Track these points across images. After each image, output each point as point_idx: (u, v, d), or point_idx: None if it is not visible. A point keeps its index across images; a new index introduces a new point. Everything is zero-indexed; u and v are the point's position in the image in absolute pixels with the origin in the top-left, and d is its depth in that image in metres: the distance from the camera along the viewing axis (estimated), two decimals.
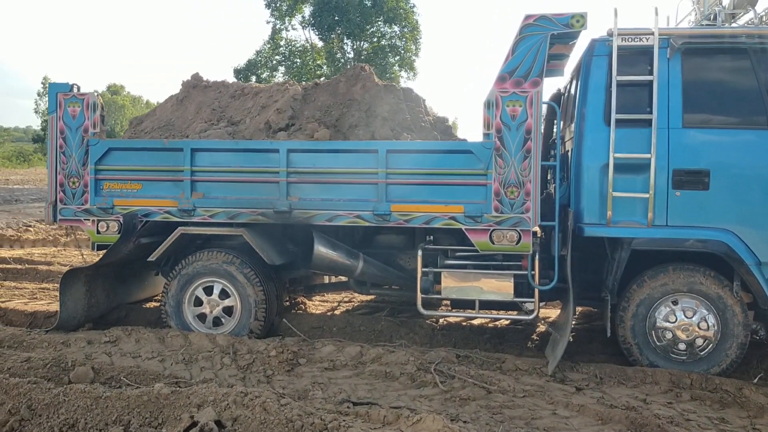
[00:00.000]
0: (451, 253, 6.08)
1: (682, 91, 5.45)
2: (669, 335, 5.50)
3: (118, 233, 6.22)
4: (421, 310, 6.03)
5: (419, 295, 5.98)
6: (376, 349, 5.69)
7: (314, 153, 5.96)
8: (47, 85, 6.61)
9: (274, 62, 44.62)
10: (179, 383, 5.18)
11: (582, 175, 5.60)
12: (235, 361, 5.47)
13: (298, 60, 43.89)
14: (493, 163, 5.63)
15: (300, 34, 52.99)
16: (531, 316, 5.92)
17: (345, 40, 44.54)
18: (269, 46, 45.09)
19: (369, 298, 7.88)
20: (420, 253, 5.97)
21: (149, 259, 6.30)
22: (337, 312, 7.58)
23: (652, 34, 5.43)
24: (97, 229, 6.34)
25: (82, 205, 6.32)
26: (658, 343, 5.54)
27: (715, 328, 5.45)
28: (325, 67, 43.50)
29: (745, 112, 5.40)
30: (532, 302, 5.86)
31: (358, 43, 44.76)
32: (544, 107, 6.04)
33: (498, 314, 6.29)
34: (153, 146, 6.34)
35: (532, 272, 5.77)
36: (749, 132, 5.35)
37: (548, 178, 6.73)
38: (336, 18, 41.87)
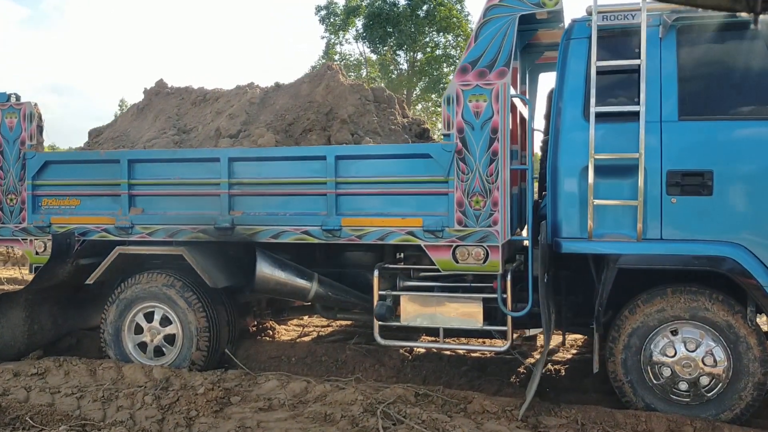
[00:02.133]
0: (414, 273, 5.28)
1: (678, 76, 4.52)
2: (667, 372, 4.54)
3: None
4: (379, 339, 5.24)
5: (376, 323, 5.20)
6: (323, 386, 4.93)
7: (257, 162, 5.28)
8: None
9: None
10: (86, 426, 4.57)
11: (558, 180, 4.72)
12: (158, 399, 4.80)
13: (353, 74, 43.68)
14: (454, 168, 4.82)
15: (354, 48, 53.00)
16: (503, 348, 5.04)
17: (398, 52, 44.07)
18: (324, 60, 45.09)
19: (347, 323, 7.10)
20: (377, 273, 5.19)
21: (87, 282, 5.73)
22: (307, 338, 6.85)
23: (639, 9, 4.52)
24: (35, 250, 5.83)
25: (20, 223, 5.83)
26: (655, 382, 4.58)
27: (725, 364, 4.45)
28: (378, 79, 43.20)
29: (756, 100, 4.44)
30: (504, 331, 4.99)
31: (412, 54, 44.19)
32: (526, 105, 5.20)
33: (464, 344, 5.44)
34: (90, 158, 5.80)
35: (504, 295, 4.90)
36: (761, 124, 4.37)
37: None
38: (388, 29, 41.47)
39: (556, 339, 6.24)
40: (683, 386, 4.50)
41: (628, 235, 4.55)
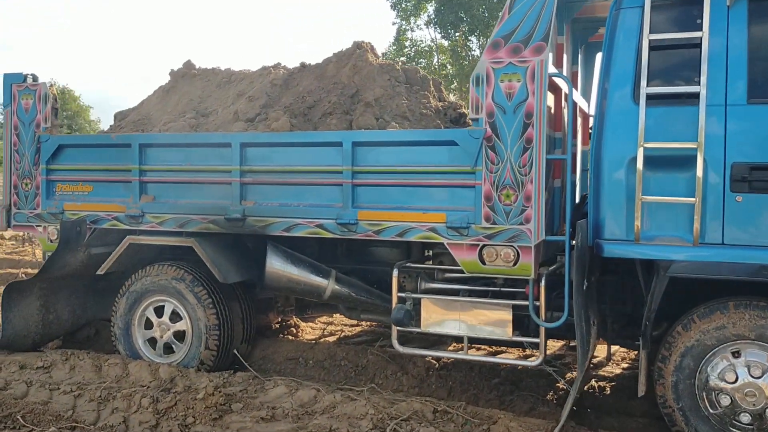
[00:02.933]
0: (438, 274, 4.76)
1: (749, 52, 3.80)
2: (726, 400, 3.86)
3: None
4: (396, 346, 4.74)
5: (394, 328, 4.70)
6: (333, 396, 4.47)
7: (269, 147, 4.86)
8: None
9: (400, 63, 43.87)
10: (75, 429, 4.29)
11: (601, 172, 4.09)
12: (156, 402, 4.46)
13: (423, 60, 42.95)
14: (482, 157, 4.25)
15: (425, 34, 52.11)
16: (535, 363, 4.44)
17: (470, 37, 42.99)
18: (395, 47, 44.53)
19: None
20: (395, 272, 4.69)
21: (98, 272, 5.46)
22: (331, 338, 6.41)
23: None
24: (49, 237, 5.60)
25: (34, 209, 5.61)
26: (711, 411, 3.91)
27: None
28: (449, 66, 42.35)
29: None
30: (537, 343, 4.40)
31: (484, 39, 42.97)
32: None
33: (490, 357, 4.87)
34: (102, 142, 5.53)
35: (537, 303, 4.31)
36: None
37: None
38: (460, 14, 40.48)
39: (602, 350, 5.59)
40: (745, 418, 3.82)
41: (682, 238, 3.89)
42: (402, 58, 44.46)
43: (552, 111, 4.63)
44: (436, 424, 4.15)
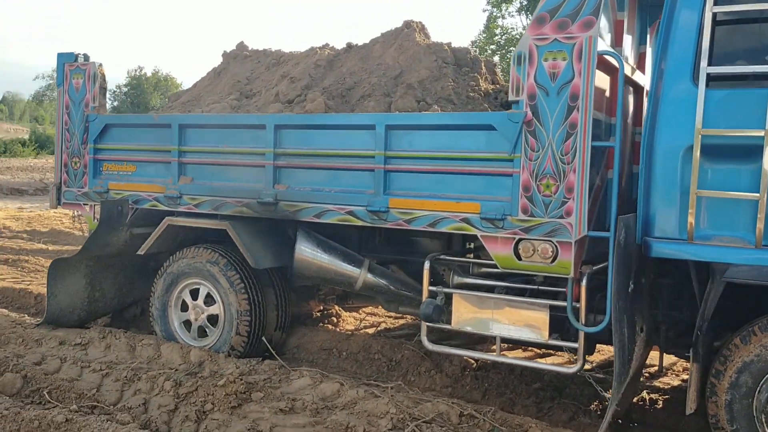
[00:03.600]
0: (473, 268, 4.44)
1: None
2: None
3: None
4: (426, 343, 4.47)
5: (423, 324, 4.43)
6: (356, 391, 4.26)
7: (302, 130, 4.67)
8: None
9: (489, 51, 43.12)
10: (95, 408, 4.27)
11: (653, 162, 3.66)
12: (178, 386, 4.38)
13: (514, 48, 41.87)
14: (521, 143, 3.90)
15: (517, 21, 50.72)
16: (572, 370, 4.06)
17: None
18: (485, 35, 43.70)
19: None
20: (428, 265, 4.40)
21: (138, 252, 5.46)
22: (371, 330, 6.18)
23: None
24: (95, 216, 5.65)
25: (82, 188, 5.67)
26: None
27: None
28: None
29: None
30: (575, 348, 4.01)
31: None
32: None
33: (523, 359, 4.51)
34: (144, 122, 5.51)
35: (576, 304, 3.93)
36: None
37: None
38: None
39: (659, 358, 5.11)
40: None
41: (742, 238, 3.43)
42: (492, 46, 43.63)
43: (606, 94, 4.21)
44: (460, 429, 3.87)
